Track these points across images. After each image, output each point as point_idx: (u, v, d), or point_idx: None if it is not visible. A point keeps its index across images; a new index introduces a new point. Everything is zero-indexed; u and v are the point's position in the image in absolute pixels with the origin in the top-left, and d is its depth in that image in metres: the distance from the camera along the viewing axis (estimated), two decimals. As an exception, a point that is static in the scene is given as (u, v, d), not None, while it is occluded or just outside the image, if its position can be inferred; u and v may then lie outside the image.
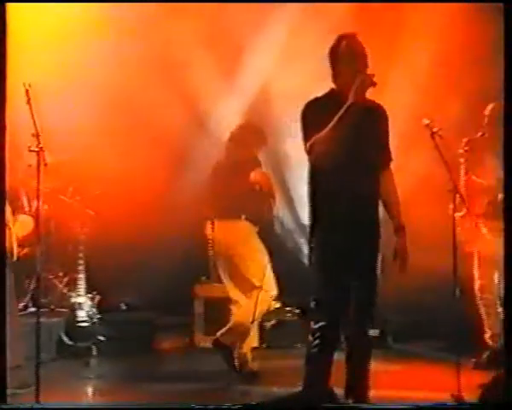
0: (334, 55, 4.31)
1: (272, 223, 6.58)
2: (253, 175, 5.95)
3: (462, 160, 6.08)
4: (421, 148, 5.21)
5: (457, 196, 4.92)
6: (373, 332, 6.96)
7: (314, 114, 4.22)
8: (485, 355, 6.02)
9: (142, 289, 7.46)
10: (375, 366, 6.26)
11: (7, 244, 4.99)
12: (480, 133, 6.07)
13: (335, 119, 4.06)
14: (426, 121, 4.96)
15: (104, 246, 6.92)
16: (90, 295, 6.77)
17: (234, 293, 6.09)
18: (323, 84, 4.36)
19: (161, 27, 7.33)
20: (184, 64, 7.51)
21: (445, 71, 7.13)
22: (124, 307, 7.33)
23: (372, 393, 4.87)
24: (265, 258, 6.06)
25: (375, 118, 4.31)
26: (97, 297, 6.82)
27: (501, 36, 6.49)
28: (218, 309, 6.88)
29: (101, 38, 7.03)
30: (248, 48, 7.46)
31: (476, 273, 6.13)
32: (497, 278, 5.96)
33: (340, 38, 4.32)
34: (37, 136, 4.64)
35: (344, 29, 4.34)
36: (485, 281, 6.08)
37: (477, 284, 6.13)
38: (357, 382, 4.38)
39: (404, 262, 4.29)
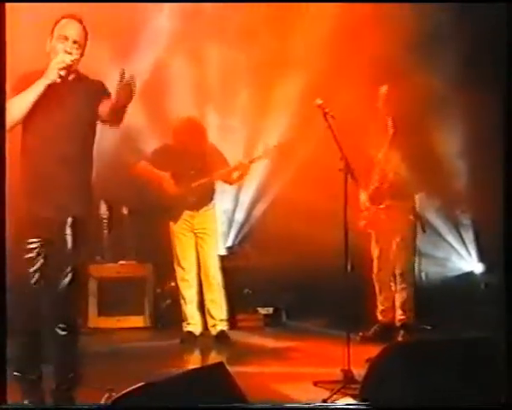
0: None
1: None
2: None
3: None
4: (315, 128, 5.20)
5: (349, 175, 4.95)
6: (266, 310, 7.13)
7: None
8: (372, 330, 6.17)
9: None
10: (268, 342, 6.41)
11: None
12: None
13: None
14: (319, 102, 5.00)
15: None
16: None
17: None
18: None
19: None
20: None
21: (337, 53, 7.20)
22: None
23: (268, 370, 4.95)
24: None
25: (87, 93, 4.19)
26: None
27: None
28: (112, 289, 6.90)
29: None
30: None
31: (373, 251, 6.26)
32: (392, 255, 6.10)
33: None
34: None
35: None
36: (381, 259, 6.21)
37: (374, 262, 6.27)
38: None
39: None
